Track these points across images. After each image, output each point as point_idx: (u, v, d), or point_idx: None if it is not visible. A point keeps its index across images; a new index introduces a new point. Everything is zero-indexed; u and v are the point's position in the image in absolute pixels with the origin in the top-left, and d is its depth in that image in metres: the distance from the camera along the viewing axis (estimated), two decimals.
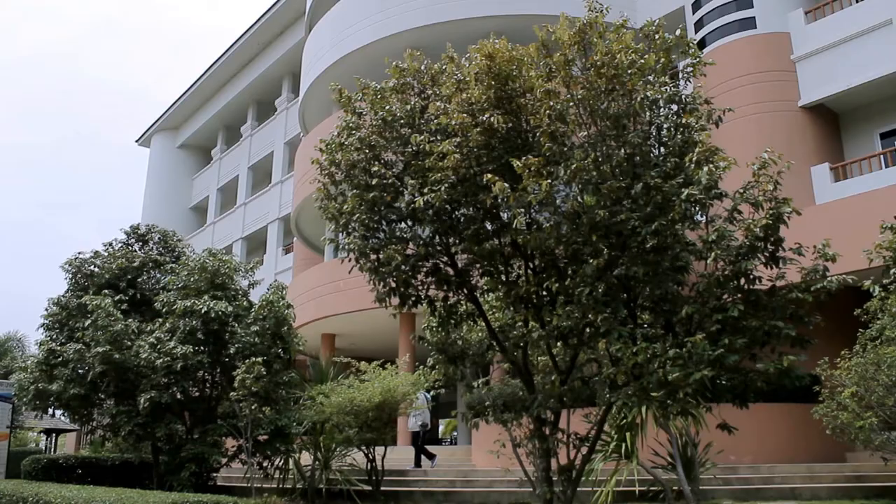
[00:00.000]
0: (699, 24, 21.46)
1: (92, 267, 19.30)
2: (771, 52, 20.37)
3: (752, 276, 7.20)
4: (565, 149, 7.89)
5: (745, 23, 20.71)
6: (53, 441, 42.19)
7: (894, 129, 19.86)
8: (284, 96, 40.72)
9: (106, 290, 18.04)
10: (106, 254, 19.60)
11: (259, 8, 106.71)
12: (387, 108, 10.11)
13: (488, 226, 9.86)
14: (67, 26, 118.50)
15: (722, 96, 18.48)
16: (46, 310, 18.57)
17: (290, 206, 34.63)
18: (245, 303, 17.40)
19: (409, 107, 10.08)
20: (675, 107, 7.72)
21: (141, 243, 20.51)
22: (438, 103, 9.42)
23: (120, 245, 20.27)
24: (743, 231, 7.08)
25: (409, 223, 10.32)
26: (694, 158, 7.13)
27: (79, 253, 19.64)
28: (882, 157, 18.85)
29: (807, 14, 20.41)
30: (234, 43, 41.69)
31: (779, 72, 20.21)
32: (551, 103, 7.76)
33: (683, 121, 7.58)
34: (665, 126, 7.67)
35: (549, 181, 7.42)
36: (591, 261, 7.67)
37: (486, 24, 23.10)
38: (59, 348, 17.04)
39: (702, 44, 20.64)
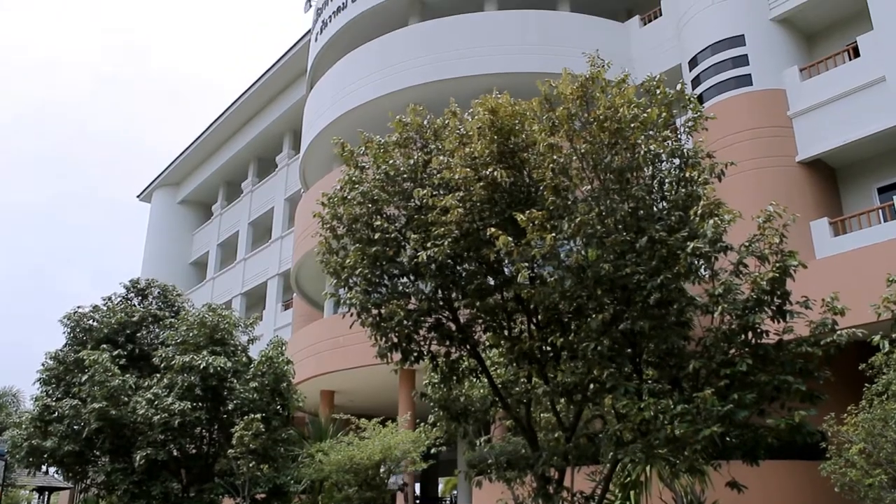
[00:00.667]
0: (696, 82, 21.77)
1: (91, 321, 19.23)
2: (768, 108, 20.60)
3: (759, 330, 7.14)
4: (569, 202, 7.91)
5: (741, 80, 20.98)
6: (46, 499, 41.41)
7: (892, 183, 19.96)
8: (285, 153, 41.07)
9: (104, 345, 17.94)
10: (105, 308, 19.54)
11: (261, 65, 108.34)
12: (390, 161, 10.18)
13: (491, 281, 9.83)
14: (69, 84, 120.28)
15: (720, 152, 18.60)
16: (43, 364, 18.43)
17: (289, 261, 34.62)
18: (244, 358, 17.29)
19: (411, 161, 10.15)
20: (677, 161, 7.77)
21: (140, 298, 20.47)
22: (441, 157, 9.48)
23: (119, 299, 20.22)
24: (749, 284, 7.04)
25: (412, 278, 10.30)
26: (699, 211, 7.13)
27: (78, 307, 19.60)
28: (880, 211, 18.92)
29: (801, 71, 20.69)
30: (236, 100, 42.21)
31: (776, 128, 20.40)
32: (555, 157, 7.80)
33: (686, 174, 7.62)
34: (667, 180, 7.70)
35: (553, 235, 7.41)
36: (595, 315, 7.62)
37: (487, 82, 23.39)
38: (54, 404, 16.85)
39: (699, 100, 20.82)
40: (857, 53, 19.57)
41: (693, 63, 22.10)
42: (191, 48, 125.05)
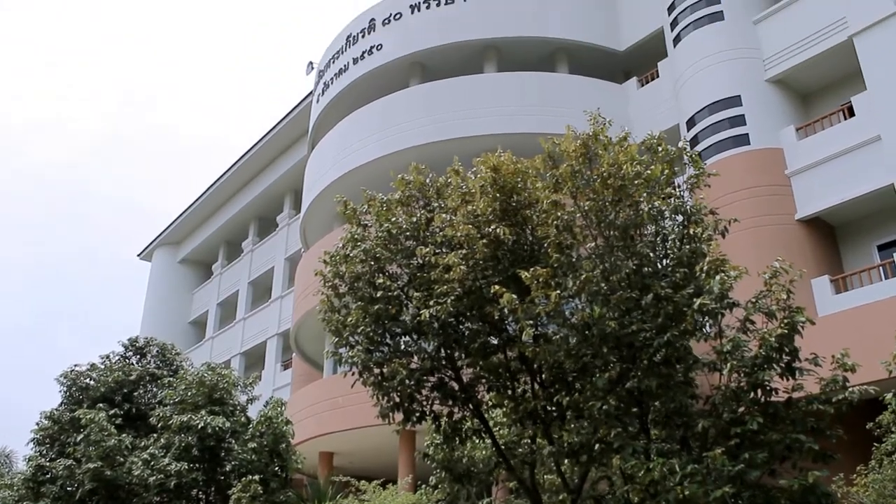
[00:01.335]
0: (694, 141, 22.01)
1: (88, 380, 19.05)
2: (766, 167, 20.78)
3: (768, 388, 7.06)
4: (573, 260, 7.90)
5: (738, 139, 21.22)
6: None
7: (891, 240, 20.02)
8: (286, 212, 41.26)
9: (101, 404, 17.73)
10: (103, 366, 19.38)
11: (263, 125, 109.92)
12: (392, 220, 10.21)
13: (494, 339, 9.76)
14: (69, 142, 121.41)
15: (720, 210, 18.66)
16: (37, 424, 18.18)
17: (289, 321, 34.46)
18: (243, 418, 17.06)
19: (414, 219, 10.18)
20: (680, 217, 7.79)
21: (139, 356, 20.33)
22: (444, 215, 9.51)
23: (117, 358, 20.07)
24: (757, 341, 6.98)
25: (414, 336, 10.23)
26: (704, 268, 7.12)
27: (75, 365, 19.45)
28: (881, 268, 18.93)
29: (798, 131, 20.94)
30: (237, 161, 42.58)
31: (774, 186, 20.56)
32: (558, 214, 7.82)
33: (690, 231, 7.63)
34: (671, 237, 7.70)
35: (558, 292, 7.38)
36: (601, 373, 7.54)
37: (487, 142, 23.55)
38: (48, 464, 16.58)
39: (695, 160, 20.97)
40: (851, 113, 19.84)
41: (691, 123, 22.38)
42: (192, 108, 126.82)
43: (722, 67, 21.98)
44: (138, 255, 53.49)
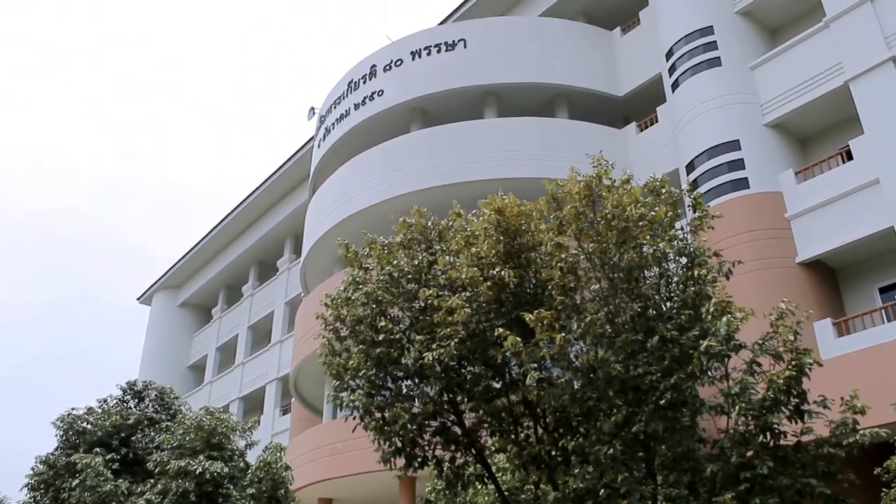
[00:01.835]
0: (694, 185, 22.09)
1: (84, 423, 18.87)
2: (765, 210, 20.83)
3: (777, 431, 6.97)
4: (577, 302, 7.87)
5: (738, 183, 21.31)
6: None
7: (893, 283, 19.99)
8: (286, 257, 41.35)
9: (97, 449, 17.52)
10: (100, 410, 19.21)
11: (263, 170, 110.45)
12: (394, 262, 10.20)
13: (497, 383, 9.68)
14: (71, 187, 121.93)
15: (721, 254, 18.70)
16: (33, 469, 17.97)
17: (289, 366, 34.27)
18: (241, 464, 16.83)
19: (416, 262, 10.18)
20: (684, 259, 7.78)
21: (137, 400, 20.17)
22: (447, 258, 9.50)
23: (115, 402, 19.90)
24: (765, 384, 6.91)
25: (416, 380, 10.15)
26: (710, 309, 7.08)
27: (72, 409, 19.29)
28: (883, 311, 18.87)
29: (797, 174, 21.04)
30: (238, 206, 42.82)
31: (774, 229, 20.59)
32: (562, 256, 7.81)
33: (694, 273, 7.61)
34: (675, 279, 7.69)
35: (563, 335, 7.34)
36: (607, 417, 7.45)
37: (488, 187, 23.34)
38: None
39: (695, 208, 20.99)
40: (850, 157, 19.95)
41: (690, 167, 22.50)
42: (193, 153, 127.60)
43: (720, 112, 22.17)
44: (138, 299, 53.43)
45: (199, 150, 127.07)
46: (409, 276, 10.10)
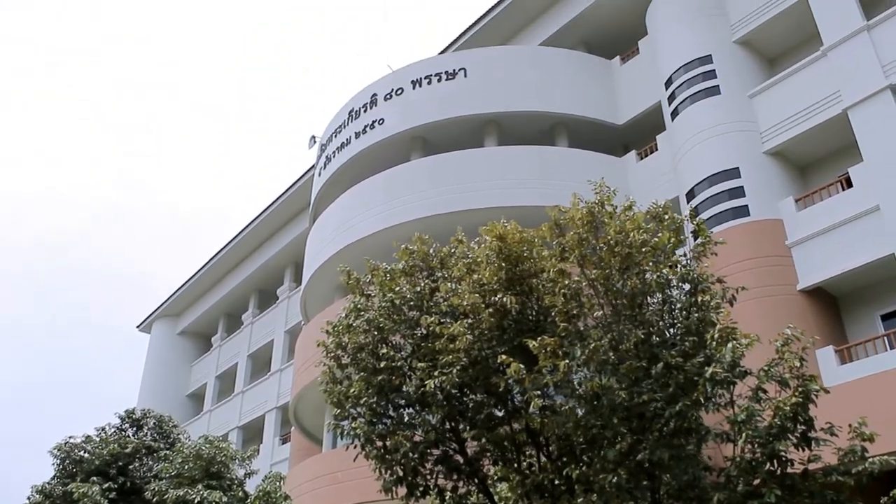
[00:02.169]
0: (695, 212, 22.12)
1: (82, 452, 18.74)
2: (766, 238, 20.84)
3: (784, 459, 6.90)
4: (581, 329, 7.84)
5: (738, 211, 21.35)
6: None
7: (895, 310, 19.94)
8: (286, 285, 41.31)
9: (95, 478, 17.41)
10: (98, 439, 19.08)
11: (264, 197, 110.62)
12: (396, 289, 10.18)
13: (498, 412, 9.61)
14: (69, 213, 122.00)
15: (715, 285, 18.64)
16: (29, 498, 17.83)
17: (288, 394, 34.10)
18: (240, 493, 16.71)
19: (417, 289, 10.16)
20: (687, 286, 7.76)
21: (135, 428, 20.03)
22: (449, 284, 9.49)
23: (113, 430, 19.78)
24: (771, 411, 6.85)
25: (418, 408, 10.08)
26: (715, 335, 7.05)
27: (69, 437, 19.18)
28: (886, 338, 18.80)
29: (797, 202, 21.08)
30: (239, 234, 42.88)
31: (775, 257, 20.57)
32: (565, 282, 7.80)
33: (698, 300, 7.59)
34: (678, 305, 7.66)
35: (567, 361, 7.30)
36: (611, 445, 7.38)
37: (489, 215, 23.33)
38: None
39: (695, 235, 20.95)
40: (849, 184, 19.98)
41: (690, 195, 22.54)
42: (193, 179, 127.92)
43: (720, 140, 22.27)
44: (137, 327, 53.32)
45: (201, 172, 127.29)
46: (411, 303, 10.08)
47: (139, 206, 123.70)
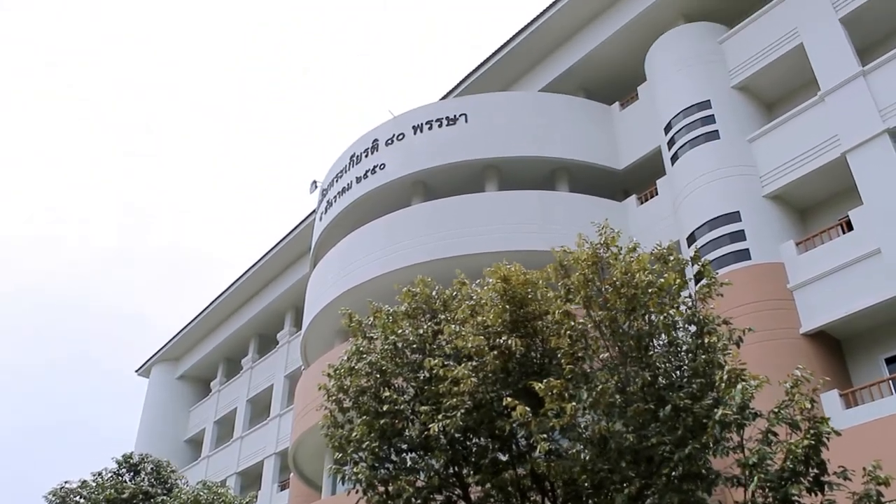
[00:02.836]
0: (698, 254, 22.13)
1: (78, 498, 18.48)
2: (768, 281, 20.81)
3: (796, 503, 6.78)
4: (587, 371, 7.78)
5: (739, 254, 21.35)
6: None
7: None
8: (286, 329, 41.16)
9: None
10: (94, 484, 18.82)
11: (264, 241, 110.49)
12: (398, 332, 10.14)
13: (503, 456, 9.50)
14: (70, 256, 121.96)
15: (721, 327, 18.56)
16: None
17: (288, 440, 33.75)
18: None
19: (420, 331, 10.12)
20: (693, 328, 7.72)
21: (132, 474, 19.76)
22: (453, 326, 9.45)
23: (110, 475, 19.52)
24: (783, 454, 6.76)
25: (421, 453, 9.97)
26: (724, 377, 6.99)
27: (65, 482, 18.91)
28: (891, 382, 18.66)
29: (798, 245, 21.10)
30: (239, 278, 42.86)
31: (777, 300, 20.52)
32: (571, 324, 7.76)
33: (705, 341, 7.55)
34: (684, 347, 7.61)
35: (574, 404, 7.23)
36: (619, 489, 7.26)
37: (490, 260, 23.22)
38: None
39: (699, 275, 20.94)
40: (850, 227, 20.02)
41: (691, 239, 22.56)
42: (193, 224, 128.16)
43: (720, 184, 22.38)
44: (136, 372, 53.00)
45: (202, 219, 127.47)
46: (414, 346, 10.03)
47: (139, 249, 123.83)
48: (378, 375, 10.16)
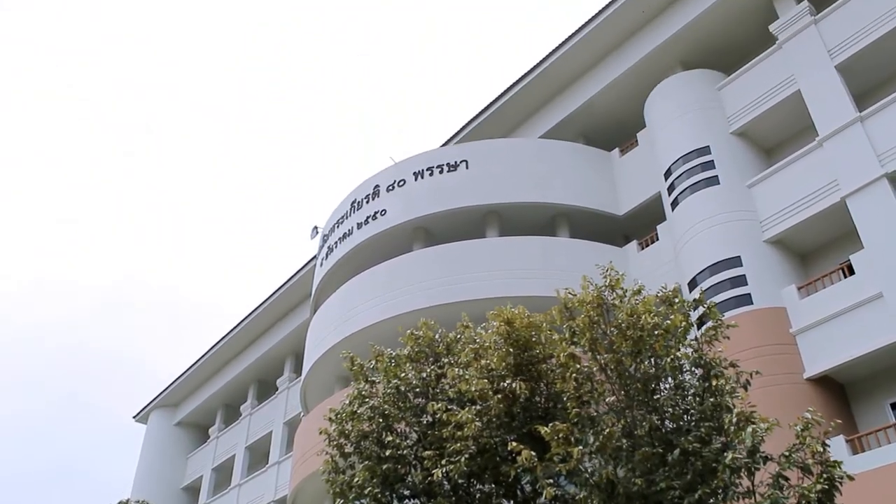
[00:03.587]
0: (701, 299, 22.06)
1: None
2: (770, 326, 20.72)
3: None
4: (593, 414, 7.71)
5: (741, 299, 21.30)
6: None
7: None
8: (286, 375, 40.88)
9: None
10: None
11: (263, 287, 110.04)
12: (401, 375, 10.07)
13: (508, 502, 9.35)
14: (71, 302, 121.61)
15: (729, 370, 18.44)
16: None
17: (286, 488, 33.28)
18: None
19: (423, 375, 10.05)
20: (699, 371, 7.67)
21: None
22: (457, 370, 9.38)
23: None
24: (795, 498, 6.65)
25: (424, 499, 9.82)
26: (733, 420, 6.91)
27: None
28: None
29: (799, 290, 21.05)
30: (238, 324, 42.70)
31: (780, 345, 20.41)
32: (577, 366, 7.71)
33: (712, 384, 7.49)
34: (691, 390, 7.55)
35: (580, 448, 7.14)
36: None
37: (491, 305, 23.39)
38: None
39: (700, 321, 20.82)
40: (851, 271, 20.02)
41: (693, 284, 22.54)
42: (192, 270, 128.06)
43: (720, 229, 22.45)
44: (134, 418, 52.49)
45: (201, 265, 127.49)
46: (417, 390, 9.95)
47: (138, 294, 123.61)
48: (380, 420, 10.06)
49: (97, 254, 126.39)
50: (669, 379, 7.58)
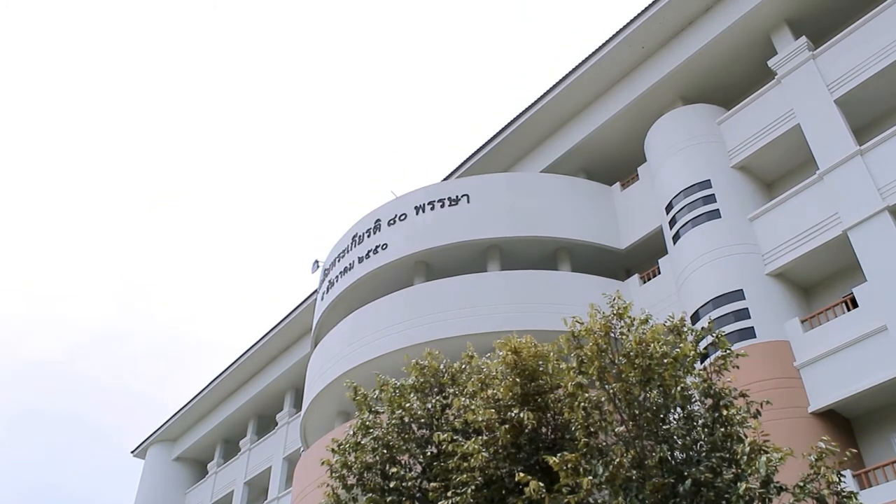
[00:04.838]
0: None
1: None
2: (774, 359, 20.59)
3: None
4: (602, 445, 7.62)
5: (744, 332, 21.19)
6: None
7: None
8: (286, 410, 40.58)
9: None
10: None
11: (263, 321, 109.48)
12: (406, 406, 9.98)
13: None
14: (70, 335, 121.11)
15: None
16: None
17: None
18: None
19: (428, 405, 9.95)
20: (709, 400, 7.60)
21: None
22: (462, 400, 9.30)
23: None
24: None
25: None
26: (746, 450, 6.83)
27: None
28: None
29: (803, 323, 20.95)
30: (238, 358, 42.48)
31: (784, 378, 20.26)
32: (586, 395, 7.64)
33: (723, 414, 7.42)
34: (700, 420, 7.47)
35: (590, 478, 7.04)
36: None
37: (494, 339, 23.32)
38: None
39: (704, 356, 20.63)
40: (854, 304, 19.95)
41: (695, 318, 22.45)
42: (191, 305, 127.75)
43: (722, 263, 22.43)
44: (132, 453, 52.00)
45: (201, 300, 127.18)
46: (422, 421, 9.85)
47: (138, 328, 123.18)
48: (384, 451, 9.95)
49: (91, 283, 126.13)
50: (678, 409, 7.49)
